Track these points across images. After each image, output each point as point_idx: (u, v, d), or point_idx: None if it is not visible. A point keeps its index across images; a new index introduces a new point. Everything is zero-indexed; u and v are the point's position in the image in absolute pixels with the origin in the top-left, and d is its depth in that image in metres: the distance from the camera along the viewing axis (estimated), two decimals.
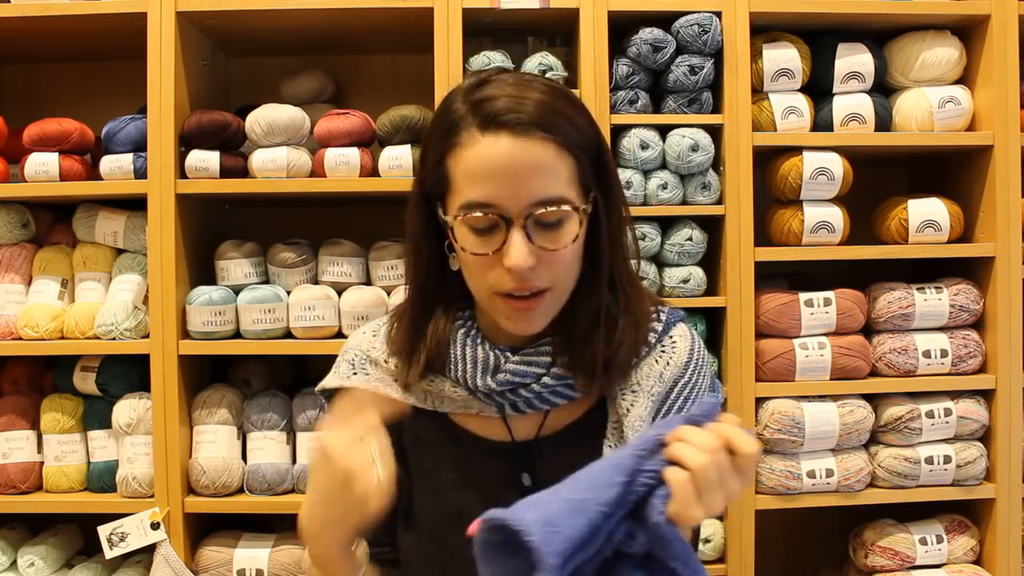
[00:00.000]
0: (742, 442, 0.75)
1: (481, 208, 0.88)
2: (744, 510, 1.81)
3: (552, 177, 0.89)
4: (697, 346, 1.02)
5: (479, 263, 0.91)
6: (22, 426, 1.84)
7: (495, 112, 0.88)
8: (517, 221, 0.87)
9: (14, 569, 1.82)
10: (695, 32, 1.78)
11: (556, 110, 0.90)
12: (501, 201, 0.87)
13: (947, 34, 1.89)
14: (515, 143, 0.87)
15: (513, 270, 0.88)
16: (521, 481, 0.98)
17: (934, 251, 1.88)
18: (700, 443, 0.75)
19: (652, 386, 0.97)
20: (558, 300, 0.94)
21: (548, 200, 0.88)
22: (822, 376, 1.83)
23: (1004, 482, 1.85)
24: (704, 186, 1.83)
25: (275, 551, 1.78)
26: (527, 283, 0.89)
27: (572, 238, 0.90)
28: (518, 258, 0.87)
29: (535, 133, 0.88)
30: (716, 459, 0.74)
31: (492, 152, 0.88)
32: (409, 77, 2.09)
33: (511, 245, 0.87)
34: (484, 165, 0.88)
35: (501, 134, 0.88)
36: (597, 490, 0.74)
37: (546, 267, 0.90)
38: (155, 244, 1.77)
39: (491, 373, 0.96)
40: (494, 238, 0.89)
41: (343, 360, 1.06)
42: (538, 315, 0.93)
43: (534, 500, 0.74)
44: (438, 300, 0.99)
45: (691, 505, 0.73)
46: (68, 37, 1.93)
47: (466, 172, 0.89)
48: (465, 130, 0.89)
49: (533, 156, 0.88)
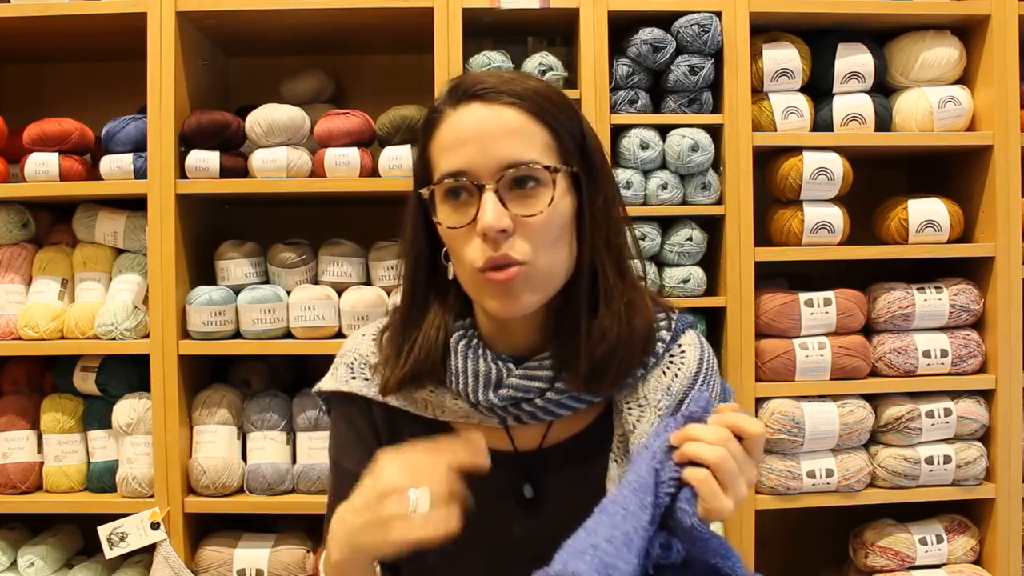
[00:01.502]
0: (748, 425, 0.77)
1: (453, 176, 0.87)
2: (744, 510, 1.81)
3: (524, 141, 0.88)
4: (707, 355, 0.99)
5: (458, 239, 0.88)
6: (22, 426, 1.84)
7: (467, 86, 0.89)
8: (489, 184, 0.86)
9: (14, 569, 1.82)
10: (695, 32, 1.78)
11: (529, 85, 0.90)
12: (473, 167, 0.86)
13: (947, 34, 1.89)
14: (485, 108, 0.88)
15: (486, 233, 0.85)
16: (523, 492, 0.97)
17: (934, 251, 1.88)
18: (711, 437, 0.76)
19: (660, 400, 0.94)
20: (542, 280, 0.89)
21: (520, 162, 0.86)
22: (822, 376, 1.83)
23: (1004, 482, 1.85)
24: (704, 186, 1.83)
25: (275, 551, 1.78)
26: (500, 251, 0.86)
27: (547, 203, 0.87)
28: (489, 217, 0.84)
29: (505, 99, 0.88)
30: (730, 448, 0.76)
31: (463, 120, 0.88)
32: (409, 77, 2.09)
33: (482, 207, 0.85)
34: (455, 134, 0.88)
35: (472, 103, 0.88)
36: (634, 518, 0.74)
37: (522, 237, 0.86)
38: (155, 244, 1.77)
39: (493, 388, 0.92)
40: (468, 208, 0.87)
41: (341, 363, 1.04)
42: (519, 291, 0.87)
43: (577, 546, 0.72)
44: (429, 306, 0.97)
45: (719, 498, 0.75)
46: (68, 37, 1.94)
47: (441, 147, 0.90)
48: (441, 112, 0.90)
49: (503, 120, 0.88)
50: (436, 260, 0.95)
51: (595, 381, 0.92)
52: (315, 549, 1.82)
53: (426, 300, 0.97)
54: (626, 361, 0.93)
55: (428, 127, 0.92)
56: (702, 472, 0.75)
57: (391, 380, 0.96)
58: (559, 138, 0.90)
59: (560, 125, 0.90)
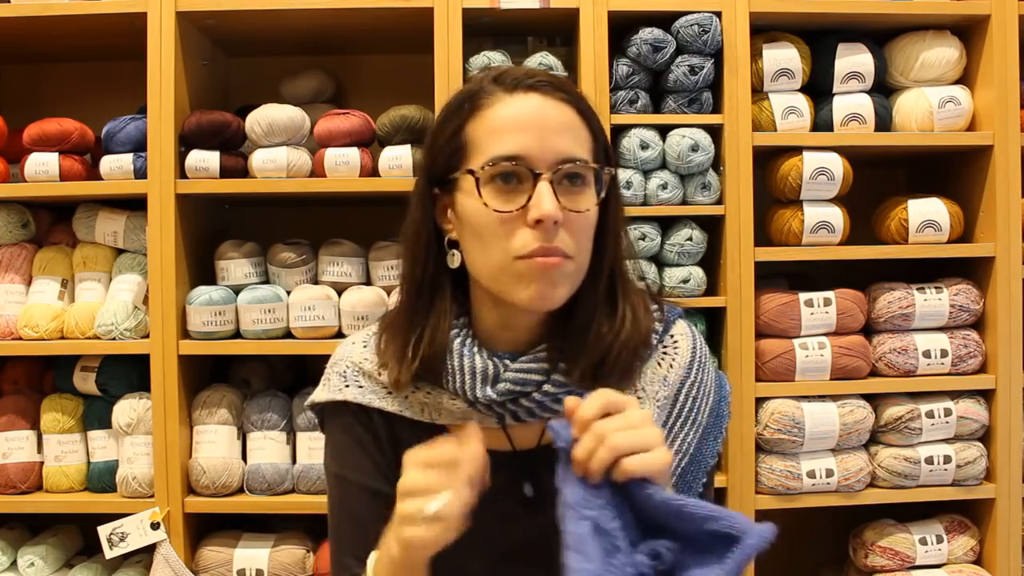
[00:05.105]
0: (586, 410, 0.77)
1: (510, 160, 0.87)
2: (744, 510, 1.81)
3: (576, 139, 0.90)
4: (699, 343, 1.01)
5: (501, 224, 0.88)
6: (22, 426, 1.84)
7: (520, 77, 0.91)
8: (545, 174, 0.87)
9: (14, 569, 1.82)
10: (695, 32, 1.78)
11: (576, 89, 0.94)
12: (530, 153, 0.87)
13: (947, 34, 1.89)
14: (545, 101, 0.90)
15: (543, 220, 0.85)
16: (523, 491, 0.97)
17: (934, 251, 1.88)
18: (588, 439, 0.76)
19: (657, 391, 0.95)
20: (576, 276, 0.91)
21: (575, 158, 0.88)
22: (822, 376, 1.83)
23: (1004, 482, 1.85)
24: (704, 186, 1.83)
25: (275, 551, 1.78)
26: (553, 241, 0.86)
27: (594, 201, 0.90)
28: (548, 207, 0.85)
29: (561, 95, 0.90)
30: (605, 427, 0.76)
31: (523, 107, 0.89)
32: (409, 77, 2.09)
33: (540, 195, 0.86)
34: (514, 119, 0.89)
35: (530, 93, 0.90)
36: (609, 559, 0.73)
37: (567, 231, 0.88)
38: (155, 244, 1.77)
39: (491, 383, 0.93)
40: (519, 195, 0.87)
41: (333, 372, 1.03)
42: (560, 282, 0.89)
43: None
44: (434, 298, 0.96)
45: (644, 458, 0.75)
46: (68, 37, 1.93)
47: (492, 129, 0.89)
48: (490, 95, 0.91)
49: (563, 114, 0.90)
50: (441, 250, 0.95)
51: (600, 378, 0.92)
52: (315, 549, 1.82)
53: (432, 293, 0.96)
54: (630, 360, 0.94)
55: (470, 107, 0.91)
56: (603, 450, 0.75)
57: (402, 375, 0.95)
58: (597, 141, 0.93)
59: (598, 130, 0.94)
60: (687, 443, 0.96)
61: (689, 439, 0.96)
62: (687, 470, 0.96)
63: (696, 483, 0.96)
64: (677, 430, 0.96)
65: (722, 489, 1.82)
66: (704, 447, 0.97)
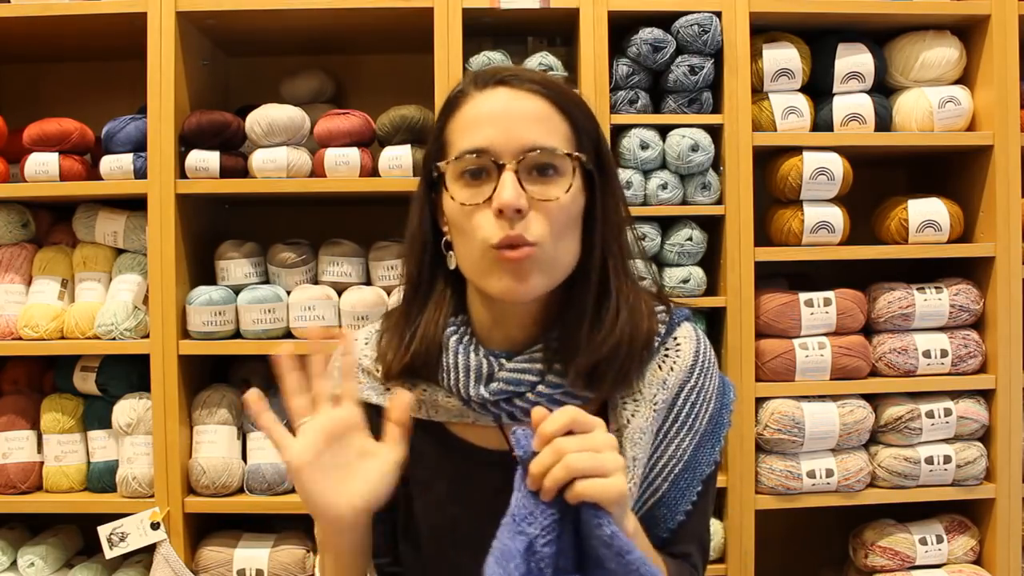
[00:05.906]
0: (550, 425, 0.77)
1: (473, 153, 0.88)
2: (744, 510, 1.81)
3: (547, 129, 0.89)
4: (703, 348, 0.99)
5: (470, 216, 0.88)
6: (22, 426, 1.84)
7: (493, 72, 0.92)
8: (509, 164, 0.87)
9: (14, 569, 1.82)
10: (695, 32, 1.78)
11: (553, 79, 0.93)
12: (494, 146, 0.87)
13: (947, 34, 1.89)
14: (510, 93, 0.90)
15: (503, 210, 0.85)
16: None
17: (934, 251, 1.88)
18: (546, 455, 0.76)
19: (655, 394, 0.93)
20: (550, 265, 0.89)
21: (542, 147, 0.88)
22: (822, 376, 1.83)
23: (1004, 482, 1.85)
24: (704, 186, 1.83)
25: (275, 551, 1.78)
26: (516, 229, 0.86)
27: (565, 190, 0.88)
28: (507, 195, 0.85)
29: (530, 87, 0.90)
30: (564, 446, 0.76)
31: (488, 102, 0.90)
32: (409, 77, 2.09)
33: (501, 185, 0.86)
34: (478, 114, 0.90)
35: (498, 88, 0.91)
36: None
37: (536, 220, 0.87)
38: (155, 244, 1.77)
39: (484, 382, 0.92)
40: (485, 186, 0.88)
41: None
42: (529, 273, 0.87)
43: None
44: (431, 296, 0.97)
45: (595, 483, 0.75)
46: (68, 37, 1.93)
47: (462, 126, 0.91)
48: (466, 95, 0.92)
49: (528, 105, 0.89)
50: (439, 251, 0.96)
51: (595, 380, 0.91)
52: (315, 549, 1.82)
53: (429, 291, 0.97)
54: (627, 363, 0.92)
55: (448, 108, 0.93)
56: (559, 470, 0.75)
57: (393, 365, 0.97)
58: (578, 133, 0.92)
59: (579, 121, 0.92)
60: (682, 448, 0.95)
61: (684, 445, 0.95)
62: (680, 476, 0.95)
63: (690, 490, 0.95)
64: (673, 435, 0.95)
65: (722, 489, 1.82)
66: (700, 454, 0.96)
